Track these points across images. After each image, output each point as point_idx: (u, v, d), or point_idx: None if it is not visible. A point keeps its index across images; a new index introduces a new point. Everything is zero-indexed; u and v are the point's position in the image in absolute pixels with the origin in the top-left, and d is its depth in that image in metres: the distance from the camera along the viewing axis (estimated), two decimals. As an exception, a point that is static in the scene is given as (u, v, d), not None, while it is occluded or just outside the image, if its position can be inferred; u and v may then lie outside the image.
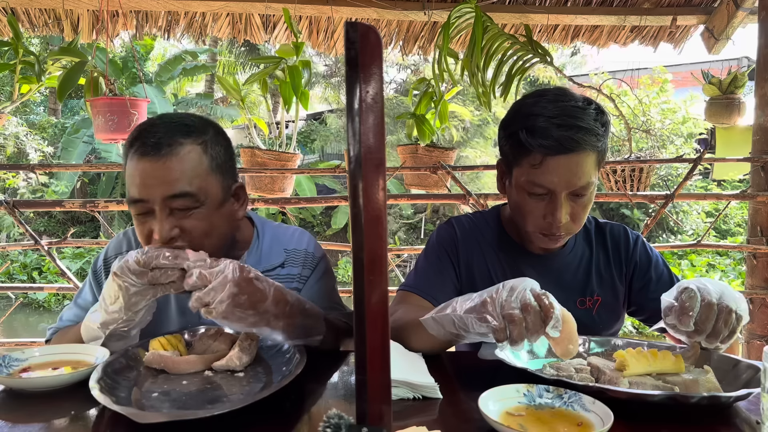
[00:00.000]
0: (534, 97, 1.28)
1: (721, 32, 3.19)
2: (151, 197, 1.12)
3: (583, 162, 1.21)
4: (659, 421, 0.89)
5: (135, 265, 1.02)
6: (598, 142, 1.22)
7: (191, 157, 1.15)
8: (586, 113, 1.22)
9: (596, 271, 1.43)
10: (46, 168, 8.74)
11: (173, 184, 1.12)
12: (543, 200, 1.26)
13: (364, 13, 3.12)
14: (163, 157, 1.12)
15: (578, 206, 1.26)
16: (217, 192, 1.19)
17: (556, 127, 1.20)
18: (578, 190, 1.24)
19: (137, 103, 2.76)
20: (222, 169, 1.21)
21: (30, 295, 10.12)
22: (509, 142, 1.30)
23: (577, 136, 1.19)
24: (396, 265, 3.40)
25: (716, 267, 9.51)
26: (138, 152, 1.13)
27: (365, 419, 0.63)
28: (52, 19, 3.10)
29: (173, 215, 1.14)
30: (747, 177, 3.27)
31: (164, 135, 1.13)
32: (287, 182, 2.94)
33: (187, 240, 1.14)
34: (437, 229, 1.49)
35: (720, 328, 1.01)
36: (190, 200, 1.14)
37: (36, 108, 15.37)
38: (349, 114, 0.63)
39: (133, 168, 1.13)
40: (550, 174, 1.22)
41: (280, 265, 1.35)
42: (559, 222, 1.24)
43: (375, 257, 0.62)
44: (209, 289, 0.98)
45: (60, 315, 1.38)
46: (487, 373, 1.06)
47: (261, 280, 1.04)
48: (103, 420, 0.88)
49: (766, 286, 2.98)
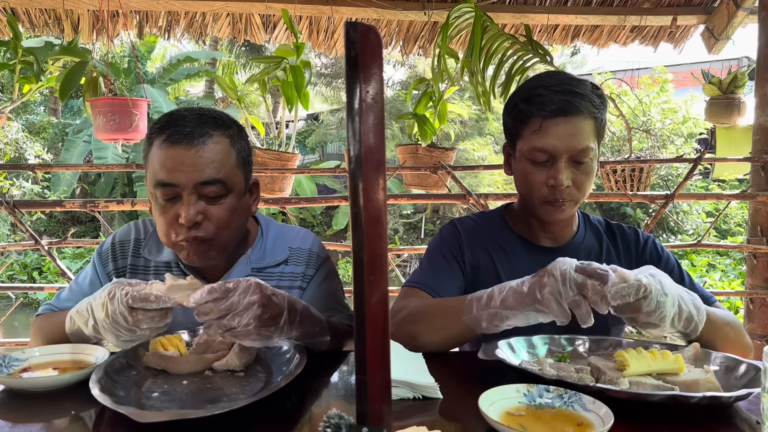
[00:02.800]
0: (534, 76, 1.38)
1: (721, 32, 3.19)
2: (182, 182, 1.15)
3: (581, 125, 1.27)
4: (659, 421, 0.89)
5: (124, 323, 0.98)
6: (595, 110, 1.28)
7: (221, 148, 1.20)
8: (583, 83, 1.30)
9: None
10: (46, 168, 8.76)
11: (205, 170, 1.16)
12: (545, 167, 1.30)
13: (364, 13, 3.13)
14: (196, 145, 1.16)
15: (580, 173, 1.30)
16: (241, 184, 1.25)
17: (554, 93, 1.27)
18: (578, 155, 1.28)
19: (138, 103, 2.76)
20: (244, 163, 1.26)
21: (30, 295, 10.12)
22: (511, 116, 1.36)
23: (575, 101, 1.26)
24: (396, 265, 3.40)
25: (716, 267, 9.51)
26: (169, 140, 1.16)
27: (365, 419, 0.63)
28: (52, 19, 3.10)
29: (200, 202, 1.17)
30: (747, 177, 3.27)
31: (196, 125, 1.18)
32: (286, 182, 2.94)
33: (208, 228, 1.18)
34: (440, 231, 1.49)
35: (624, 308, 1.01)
36: (219, 187, 1.18)
37: (36, 108, 15.37)
38: (349, 114, 0.63)
39: (164, 154, 1.16)
40: (549, 137, 1.27)
41: (284, 262, 1.36)
42: (561, 185, 1.28)
43: (375, 257, 0.62)
44: (233, 314, 0.95)
45: (57, 294, 1.39)
46: (487, 373, 1.06)
47: (276, 294, 1.03)
48: (103, 420, 0.88)
49: (766, 286, 2.98)
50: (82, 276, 1.38)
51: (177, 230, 1.18)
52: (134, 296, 0.97)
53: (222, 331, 0.96)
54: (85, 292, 1.33)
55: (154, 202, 1.21)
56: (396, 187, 10.13)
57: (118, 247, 1.36)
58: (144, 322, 0.98)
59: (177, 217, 1.17)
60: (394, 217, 12.73)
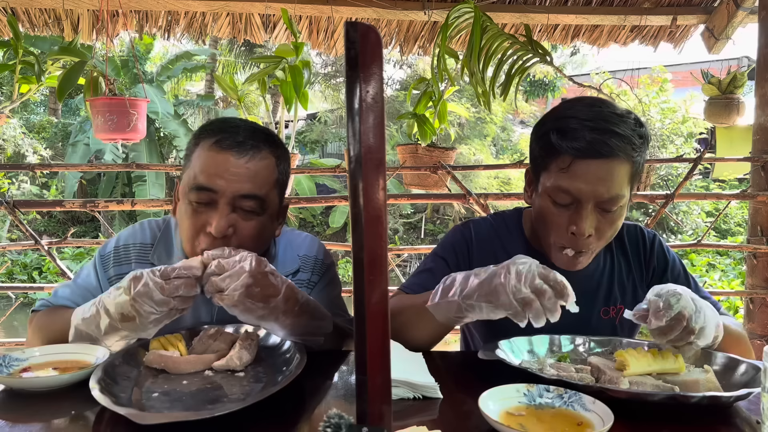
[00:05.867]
0: (570, 102, 1.24)
1: (721, 32, 3.19)
2: (222, 190, 1.14)
3: (614, 170, 1.14)
4: (659, 421, 0.89)
5: (159, 294, 0.98)
6: (634, 152, 1.15)
7: (267, 165, 1.19)
8: (624, 121, 1.16)
9: (618, 279, 1.39)
10: (46, 168, 8.74)
11: (247, 183, 1.15)
12: (568, 210, 1.19)
13: (364, 13, 3.13)
14: (245, 155, 1.15)
15: (605, 221, 1.19)
16: (275, 206, 1.24)
17: (589, 130, 1.13)
18: (606, 203, 1.16)
19: (137, 103, 2.76)
20: (282, 186, 1.25)
21: (30, 295, 10.10)
22: (539, 145, 1.23)
23: (611, 141, 1.12)
24: (396, 265, 3.40)
25: (716, 267, 9.51)
26: (220, 144, 1.15)
27: (365, 419, 0.63)
28: (52, 19, 3.10)
29: (233, 214, 1.15)
30: (747, 177, 3.27)
31: (249, 136, 1.17)
32: (287, 182, 2.94)
33: (237, 242, 1.15)
34: (453, 230, 1.45)
35: (681, 337, 1.03)
36: (256, 204, 1.17)
37: (36, 108, 15.36)
38: (349, 114, 0.63)
39: (211, 158, 1.15)
40: (577, 179, 1.15)
41: (295, 272, 1.36)
42: (583, 234, 1.16)
43: (375, 257, 0.62)
44: (225, 275, 1.00)
45: (55, 290, 1.34)
46: (487, 373, 1.06)
47: (276, 275, 1.06)
48: (103, 420, 0.88)
49: (766, 286, 2.98)
50: (84, 275, 1.33)
51: (203, 238, 1.16)
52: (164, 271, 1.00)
53: (213, 290, 1.00)
54: (83, 294, 1.28)
55: (185, 204, 1.18)
56: (396, 187, 10.13)
57: (122, 251, 1.31)
58: (179, 290, 0.99)
59: (206, 225, 1.15)
60: (394, 217, 12.72)
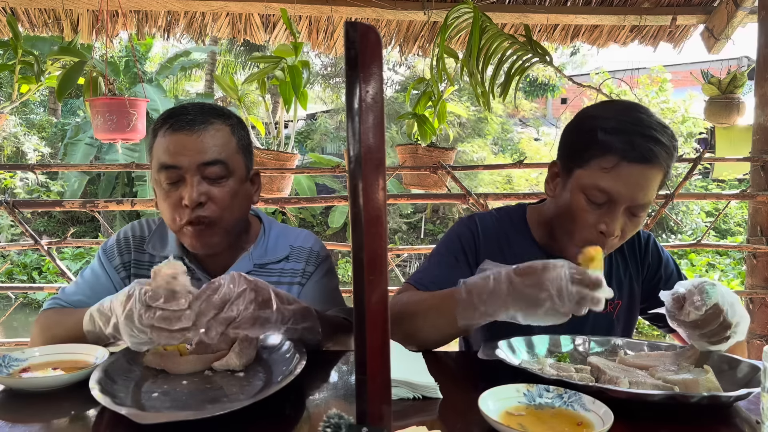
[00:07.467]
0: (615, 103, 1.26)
1: (720, 32, 3.19)
2: (185, 164, 1.21)
3: (652, 177, 1.17)
4: (659, 421, 0.89)
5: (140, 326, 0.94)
6: (670, 160, 1.19)
7: (222, 134, 1.26)
8: (666, 130, 1.19)
9: (616, 275, 1.40)
10: (45, 168, 8.74)
11: (207, 152, 1.22)
12: (600, 209, 1.20)
13: (363, 13, 3.12)
14: (197, 131, 1.23)
15: (631, 224, 1.21)
16: (242, 169, 1.30)
17: (640, 136, 1.15)
18: (637, 208, 1.19)
19: (136, 103, 2.76)
20: (245, 151, 1.32)
21: (30, 295, 10.11)
22: (582, 139, 1.23)
23: (657, 149, 1.15)
24: (396, 265, 3.40)
25: (716, 267, 9.51)
26: (172, 127, 1.23)
27: (365, 419, 0.63)
28: (51, 19, 3.10)
29: (203, 183, 1.23)
30: (747, 177, 3.27)
31: (198, 114, 1.25)
32: (285, 182, 2.94)
33: (211, 209, 1.23)
34: (458, 223, 1.44)
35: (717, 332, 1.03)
36: (220, 168, 1.24)
37: (36, 108, 15.36)
38: (349, 114, 0.63)
39: (167, 140, 1.23)
40: (619, 181, 1.16)
41: (285, 258, 1.38)
42: (612, 234, 1.19)
43: (375, 257, 0.62)
44: (230, 304, 0.95)
45: (62, 289, 1.39)
46: (487, 373, 1.06)
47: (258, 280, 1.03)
48: (103, 420, 0.88)
49: (766, 285, 2.98)
50: (88, 271, 1.39)
51: (181, 213, 1.23)
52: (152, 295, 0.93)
53: (223, 328, 0.95)
54: (92, 286, 1.35)
55: (158, 188, 1.26)
56: (395, 187, 10.13)
57: (123, 242, 1.39)
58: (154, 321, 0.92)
59: (181, 200, 1.22)
60: (394, 217, 12.73)
